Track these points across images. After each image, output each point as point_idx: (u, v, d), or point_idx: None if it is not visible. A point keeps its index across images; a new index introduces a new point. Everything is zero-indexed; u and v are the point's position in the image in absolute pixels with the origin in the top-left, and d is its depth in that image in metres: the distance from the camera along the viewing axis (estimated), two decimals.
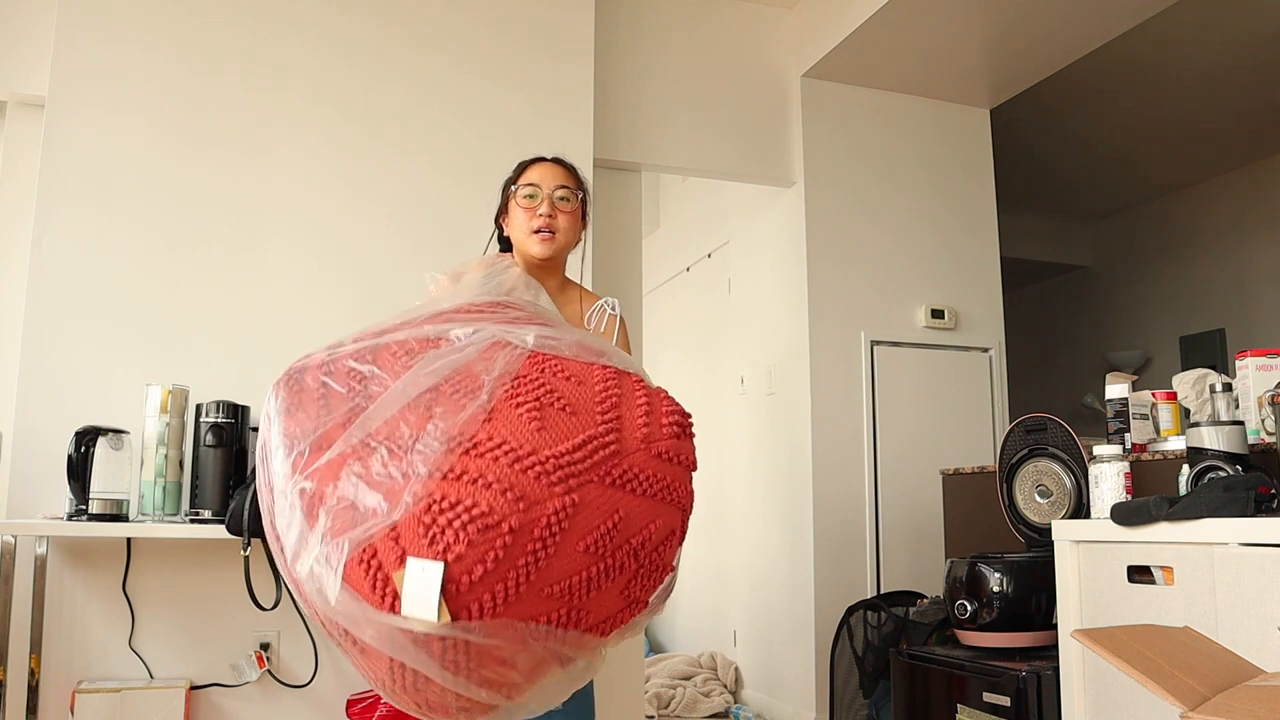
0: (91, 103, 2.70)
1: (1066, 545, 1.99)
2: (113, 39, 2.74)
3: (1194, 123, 4.95)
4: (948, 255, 3.85)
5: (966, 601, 2.25)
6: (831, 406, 3.57)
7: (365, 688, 2.70)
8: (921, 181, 3.85)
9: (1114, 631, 1.14)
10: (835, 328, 3.62)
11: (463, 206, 3.01)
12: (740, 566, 4.12)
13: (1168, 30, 3.89)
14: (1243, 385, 2.04)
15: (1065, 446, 2.30)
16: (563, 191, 1.86)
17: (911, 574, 3.51)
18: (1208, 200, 5.73)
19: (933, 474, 3.27)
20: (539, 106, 3.16)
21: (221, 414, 2.51)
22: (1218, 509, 1.68)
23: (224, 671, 2.62)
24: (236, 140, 2.82)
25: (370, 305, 2.87)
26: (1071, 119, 4.89)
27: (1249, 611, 1.59)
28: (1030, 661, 2.10)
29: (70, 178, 2.65)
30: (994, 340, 3.87)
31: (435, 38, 3.07)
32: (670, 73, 3.58)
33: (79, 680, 2.46)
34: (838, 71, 3.68)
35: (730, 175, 3.74)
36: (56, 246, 2.62)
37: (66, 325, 2.60)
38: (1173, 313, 5.89)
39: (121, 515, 2.40)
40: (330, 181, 2.90)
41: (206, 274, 2.74)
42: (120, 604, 2.55)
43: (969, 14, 3.30)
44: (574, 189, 1.89)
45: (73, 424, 2.43)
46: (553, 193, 1.86)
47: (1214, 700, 1.01)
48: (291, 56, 2.91)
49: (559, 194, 1.86)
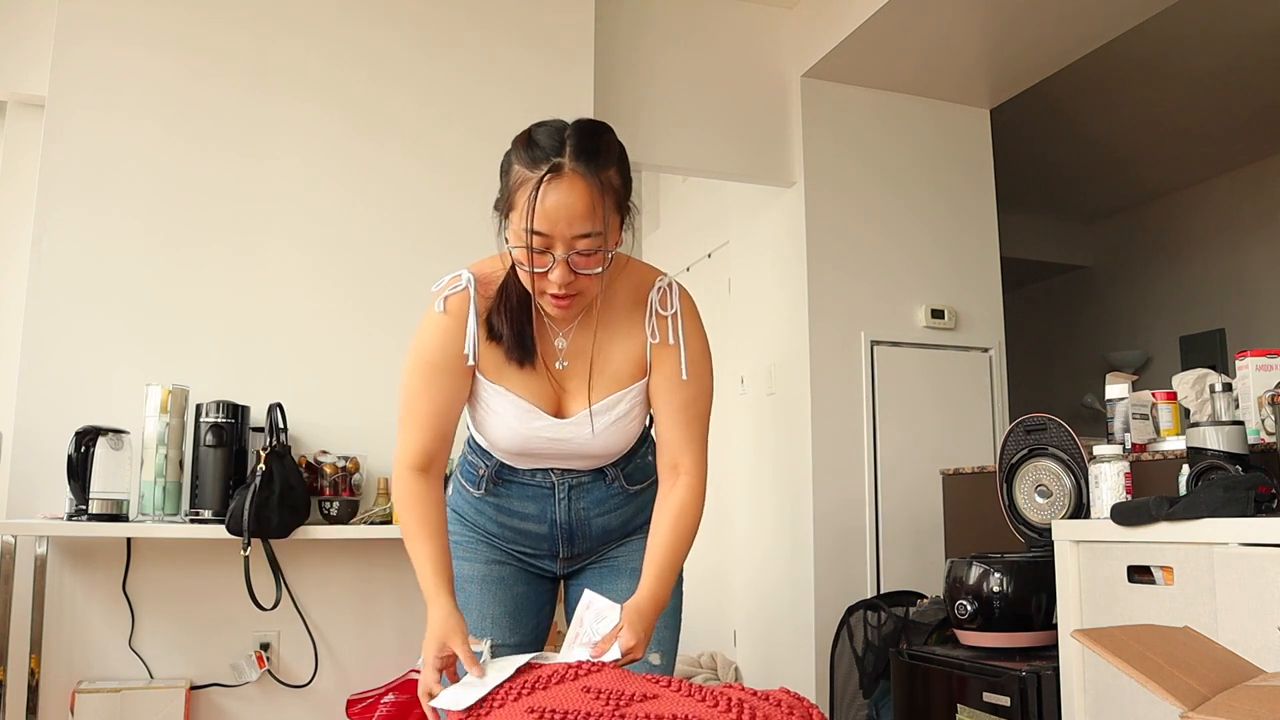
0: (91, 103, 2.70)
1: (1066, 545, 1.99)
2: (113, 39, 2.73)
3: (1194, 123, 4.94)
4: (948, 255, 3.85)
5: (966, 601, 2.25)
6: (831, 406, 3.57)
7: (365, 687, 2.71)
8: (922, 181, 3.85)
9: (1114, 631, 1.14)
10: (835, 328, 3.62)
11: (462, 207, 3.01)
12: (740, 566, 4.12)
13: (1168, 30, 3.88)
14: (1243, 385, 2.04)
15: (1065, 446, 2.30)
16: (585, 243, 1.26)
17: (911, 574, 3.51)
18: (1208, 200, 5.73)
19: (933, 474, 3.27)
20: (539, 107, 3.15)
21: (221, 414, 2.51)
22: (1218, 509, 1.68)
23: (224, 671, 2.62)
24: (236, 141, 2.82)
25: (370, 305, 2.88)
26: (1071, 119, 4.89)
27: (1249, 611, 1.59)
28: (1030, 661, 2.10)
29: (70, 178, 2.65)
30: (994, 340, 3.87)
31: (435, 38, 3.07)
32: (670, 73, 3.58)
33: (79, 680, 2.46)
34: (838, 71, 3.68)
35: (730, 175, 3.74)
36: (56, 246, 2.62)
37: (66, 325, 2.60)
38: (1173, 313, 5.88)
39: (121, 515, 2.40)
40: (330, 182, 2.90)
41: (206, 274, 2.74)
42: (120, 604, 2.55)
43: (969, 14, 3.30)
44: (602, 224, 1.25)
45: (73, 424, 2.43)
46: (570, 247, 1.26)
47: (1214, 700, 1.01)
48: (292, 57, 2.90)
49: (581, 245, 1.26)
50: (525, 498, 1.55)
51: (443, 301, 1.40)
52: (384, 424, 2.83)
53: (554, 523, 1.55)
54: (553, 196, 1.23)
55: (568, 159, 1.24)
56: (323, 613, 2.73)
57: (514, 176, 1.27)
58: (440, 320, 1.40)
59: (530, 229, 1.24)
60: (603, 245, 1.27)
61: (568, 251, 1.25)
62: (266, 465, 2.44)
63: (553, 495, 1.54)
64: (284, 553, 2.62)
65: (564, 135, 1.26)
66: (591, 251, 1.26)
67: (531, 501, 1.55)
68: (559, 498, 1.54)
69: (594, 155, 1.25)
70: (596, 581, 1.59)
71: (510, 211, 1.28)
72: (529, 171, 1.25)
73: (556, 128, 1.28)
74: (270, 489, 2.43)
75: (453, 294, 1.41)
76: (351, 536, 2.57)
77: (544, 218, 1.23)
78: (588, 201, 1.24)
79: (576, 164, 1.24)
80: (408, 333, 1.52)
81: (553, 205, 1.23)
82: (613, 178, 1.28)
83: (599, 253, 1.27)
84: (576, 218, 1.24)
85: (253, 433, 2.61)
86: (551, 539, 1.57)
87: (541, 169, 1.23)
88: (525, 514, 1.56)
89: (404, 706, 2.62)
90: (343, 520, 2.59)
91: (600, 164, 1.26)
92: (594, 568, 1.62)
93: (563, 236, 1.24)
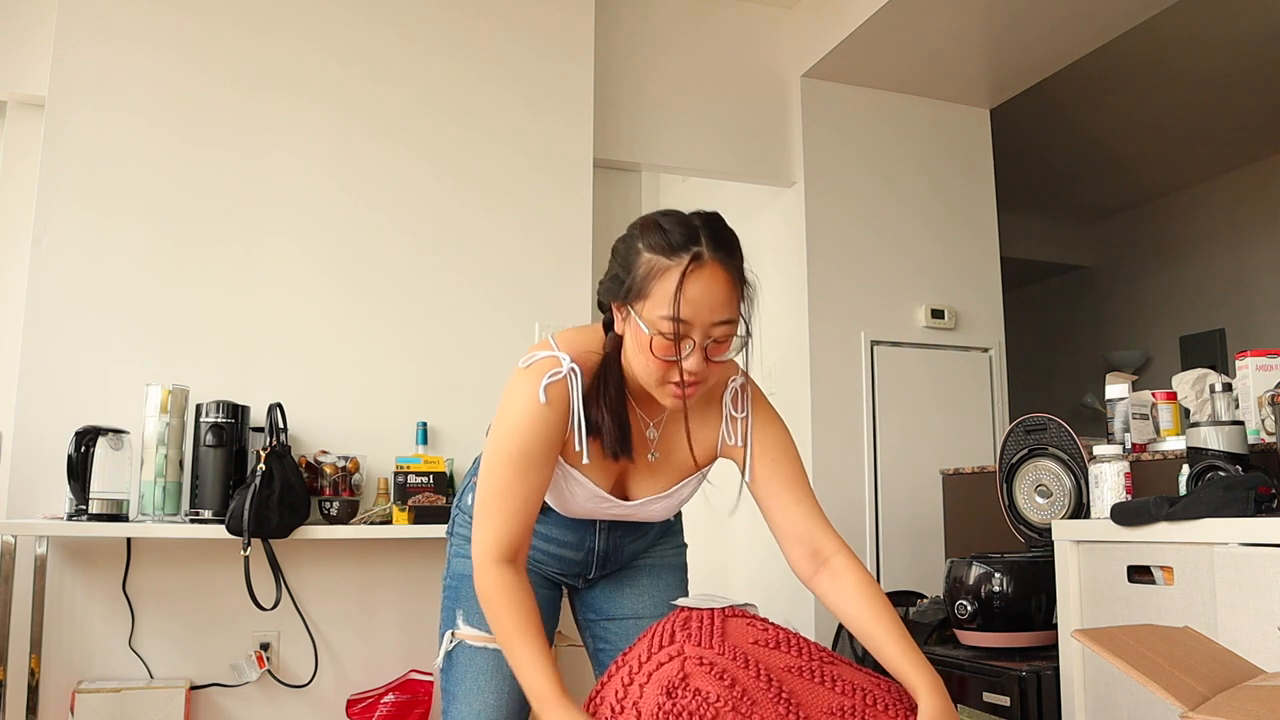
0: (91, 103, 2.70)
1: (1066, 545, 1.99)
2: (113, 39, 2.73)
3: (1194, 123, 4.94)
4: (948, 255, 3.85)
5: (966, 601, 2.25)
6: (831, 406, 3.57)
7: (365, 687, 2.71)
8: (922, 181, 3.85)
9: (1114, 631, 1.14)
10: (835, 328, 3.62)
11: (462, 206, 3.01)
12: (740, 566, 4.11)
13: (1168, 30, 3.88)
14: (1243, 385, 2.04)
15: (1065, 446, 2.30)
16: (723, 329, 1.26)
17: (911, 574, 3.51)
18: (1208, 200, 5.73)
19: (933, 474, 3.27)
20: (539, 106, 3.16)
21: (221, 414, 2.51)
22: (1218, 509, 1.68)
23: (224, 671, 2.62)
24: (236, 140, 2.82)
25: (371, 304, 2.87)
26: (1071, 119, 4.89)
27: (1249, 611, 1.59)
28: (1030, 661, 2.10)
29: (70, 178, 2.65)
30: (994, 340, 3.87)
31: (435, 37, 3.07)
32: (670, 73, 3.58)
33: (79, 680, 2.46)
34: (837, 72, 3.68)
35: (730, 175, 3.74)
36: (56, 246, 2.62)
37: (66, 325, 2.60)
38: (1173, 313, 5.88)
39: (121, 515, 2.40)
40: (330, 181, 2.90)
41: (207, 274, 2.74)
42: (120, 604, 2.55)
43: (969, 14, 3.30)
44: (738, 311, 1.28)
45: (73, 424, 2.43)
46: (709, 332, 1.26)
47: (1214, 700, 1.01)
48: (291, 57, 2.90)
49: (717, 333, 1.26)
50: (565, 527, 1.56)
51: (544, 392, 1.32)
52: (384, 424, 2.84)
53: (591, 550, 1.57)
54: (696, 286, 1.23)
55: (706, 248, 1.24)
56: (323, 613, 2.73)
57: (646, 264, 1.25)
58: (541, 412, 1.32)
59: (676, 317, 1.23)
60: (735, 332, 1.28)
61: (705, 340, 1.25)
62: (266, 465, 2.44)
63: (593, 527, 1.56)
64: (284, 553, 2.62)
65: (694, 225, 1.26)
66: (726, 339, 1.27)
67: (571, 531, 1.56)
68: (599, 529, 1.56)
69: (730, 245, 1.28)
70: (607, 593, 1.64)
71: (640, 299, 1.26)
72: (667, 259, 1.24)
73: (682, 218, 1.28)
74: (270, 489, 2.42)
75: (552, 382, 1.33)
76: (351, 536, 2.57)
77: (688, 305, 1.22)
78: (728, 289, 1.25)
79: (716, 253, 1.25)
80: (408, 332, 1.52)
81: (696, 294, 1.23)
82: (744, 268, 1.30)
83: (729, 339, 1.28)
84: (719, 305, 1.24)
85: (253, 433, 2.61)
86: (585, 564, 1.59)
87: (683, 258, 1.23)
88: (563, 541, 1.57)
89: (404, 706, 2.62)
90: (343, 520, 2.59)
91: (736, 253, 1.28)
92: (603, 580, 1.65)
93: (703, 324, 1.24)
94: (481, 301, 2.99)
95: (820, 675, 1.24)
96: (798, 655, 1.27)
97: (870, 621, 1.36)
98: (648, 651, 1.25)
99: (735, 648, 1.24)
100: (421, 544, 2.82)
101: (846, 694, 1.23)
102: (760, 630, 1.31)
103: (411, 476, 2.64)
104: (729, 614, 1.34)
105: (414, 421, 2.84)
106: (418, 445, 2.81)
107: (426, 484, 2.64)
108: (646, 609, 1.63)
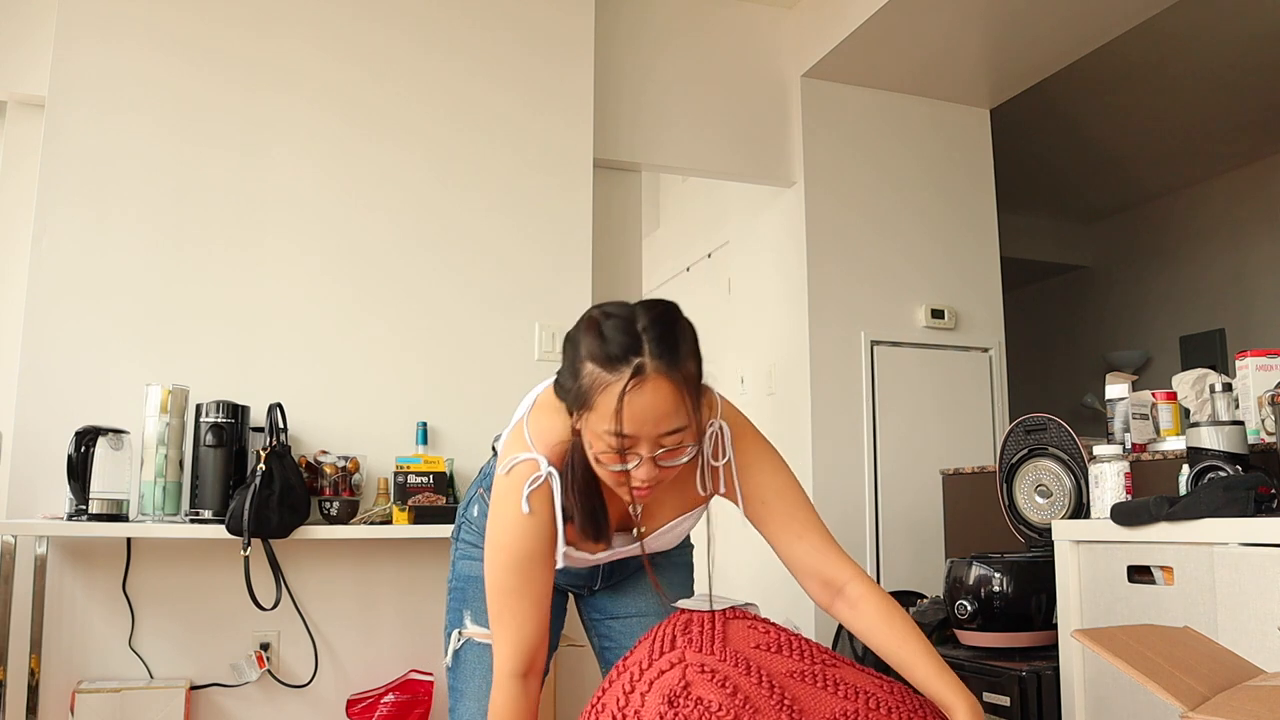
0: (91, 103, 2.70)
1: (1066, 545, 1.99)
2: (113, 39, 2.73)
3: (1194, 123, 4.94)
4: (948, 255, 3.85)
5: (966, 601, 2.25)
6: (831, 406, 3.57)
7: (365, 687, 2.71)
8: (921, 181, 3.85)
9: (1114, 631, 1.14)
10: (835, 328, 3.62)
11: (462, 206, 3.01)
12: (740, 565, 4.11)
13: (1168, 30, 3.88)
14: (1243, 385, 2.04)
15: (1065, 446, 2.30)
16: (673, 438, 1.21)
17: (911, 574, 3.51)
18: (1208, 200, 5.73)
19: (933, 474, 3.27)
20: (539, 106, 3.16)
21: (221, 414, 2.51)
22: (1218, 509, 1.68)
23: (224, 671, 2.62)
24: (236, 140, 2.82)
25: (371, 304, 2.87)
26: (1071, 119, 4.89)
27: (1249, 611, 1.59)
28: (1030, 661, 2.10)
29: (70, 178, 2.65)
30: (994, 340, 3.87)
31: (435, 37, 3.07)
32: (670, 73, 3.58)
33: (79, 680, 2.46)
34: (837, 72, 3.68)
35: (730, 175, 3.74)
36: (56, 246, 2.62)
37: (66, 325, 2.60)
38: (1173, 313, 5.88)
39: (121, 515, 2.40)
40: (330, 181, 2.90)
41: (207, 274, 2.74)
42: (120, 604, 2.55)
43: (969, 14, 3.30)
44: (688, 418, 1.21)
45: (73, 424, 2.43)
46: (656, 446, 1.21)
47: (1214, 700, 1.01)
48: (291, 56, 2.90)
49: (668, 442, 1.22)
50: None
51: (527, 502, 1.31)
52: (384, 424, 2.84)
53: (597, 569, 1.60)
54: (638, 401, 1.17)
55: (648, 359, 1.17)
56: (323, 613, 2.73)
57: (589, 376, 1.19)
58: (528, 522, 1.32)
59: (619, 433, 1.18)
60: (687, 439, 1.23)
61: (654, 450, 1.21)
62: (266, 465, 2.44)
63: None
64: (284, 553, 2.62)
65: (637, 329, 1.19)
66: (677, 445, 1.22)
67: None
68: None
69: (674, 350, 1.19)
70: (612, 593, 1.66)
71: (585, 410, 1.21)
72: (607, 374, 1.17)
73: (625, 319, 1.20)
74: (270, 489, 2.43)
75: (533, 490, 1.31)
76: (351, 536, 2.57)
77: (630, 421, 1.17)
78: (673, 402, 1.18)
79: (659, 363, 1.17)
80: (408, 332, 1.52)
81: (639, 409, 1.17)
82: (692, 369, 1.22)
83: (683, 446, 1.23)
84: (663, 417, 1.19)
85: (253, 433, 2.61)
86: (592, 577, 1.62)
87: (623, 373, 1.17)
88: (575, 572, 1.59)
89: (404, 706, 2.62)
90: (343, 520, 2.59)
91: (681, 358, 1.20)
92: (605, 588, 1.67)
93: (649, 437, 1.20)
94: (481, 301, 3.00)
95: (823, 679, 1.24)
96: (799, 659, 1.27)
97: (897, 648, 1.34)
98: (648, 658, 1.25)
99: (737, 653, 1.24)
100: (422, 544, 2.82)
101: (849, 698, 1.23)
102: (761, 633, 1.31)
103: (411, 476, 2.64)
104: (730, 616, 1.34)
105: (414, 421, 2.84)
106: (418, 445, 2.81)
107: (426, 484, 2.64)
108: (651, 607, 1.64)
